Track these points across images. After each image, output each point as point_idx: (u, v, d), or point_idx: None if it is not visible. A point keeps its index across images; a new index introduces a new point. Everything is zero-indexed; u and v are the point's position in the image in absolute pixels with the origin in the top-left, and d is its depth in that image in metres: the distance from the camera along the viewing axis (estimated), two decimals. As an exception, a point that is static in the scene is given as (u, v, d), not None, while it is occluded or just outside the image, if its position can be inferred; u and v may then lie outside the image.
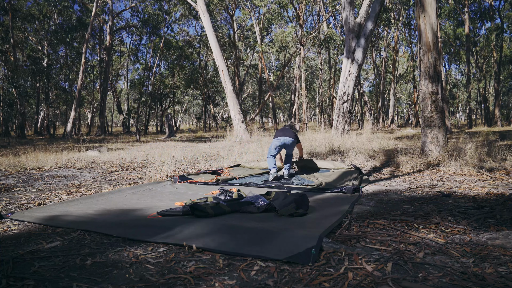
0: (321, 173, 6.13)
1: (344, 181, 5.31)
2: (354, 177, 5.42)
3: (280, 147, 5.88)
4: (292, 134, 5.94)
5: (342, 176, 5.62)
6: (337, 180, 5.43)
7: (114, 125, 53.95)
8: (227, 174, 6.09)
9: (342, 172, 6.00)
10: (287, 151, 6.05)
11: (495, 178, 5.19)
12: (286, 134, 5.89)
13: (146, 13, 29.68)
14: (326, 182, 5.24)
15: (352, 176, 5.49)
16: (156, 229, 2.83)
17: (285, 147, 5.92)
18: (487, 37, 31.06)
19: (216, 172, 6.22)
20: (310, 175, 5.98)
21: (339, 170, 6.23)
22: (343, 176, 5.66)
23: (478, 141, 8.61)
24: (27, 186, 5.20)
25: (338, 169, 6.28)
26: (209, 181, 5.51)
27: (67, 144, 14.95)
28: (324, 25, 28.14)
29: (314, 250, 2.25)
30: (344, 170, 6.15)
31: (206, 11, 11.01)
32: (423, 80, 7.15)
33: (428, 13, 7.07)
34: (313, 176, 5.85)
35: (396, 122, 39.54)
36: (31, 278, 1.97)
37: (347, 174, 5.78)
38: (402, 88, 43.04)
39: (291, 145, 5.90)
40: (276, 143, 5.85)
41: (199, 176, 5.85)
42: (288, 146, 5.89)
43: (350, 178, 5.39)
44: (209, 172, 6.19)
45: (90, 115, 36.76)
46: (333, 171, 6.23)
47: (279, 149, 5.89)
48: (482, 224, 2.91)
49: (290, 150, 6.00)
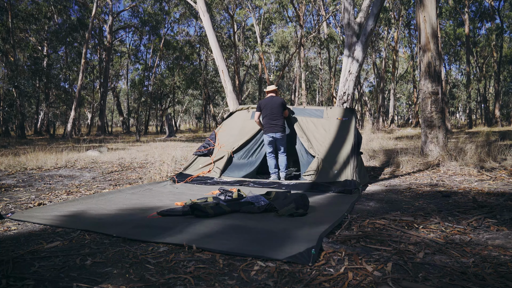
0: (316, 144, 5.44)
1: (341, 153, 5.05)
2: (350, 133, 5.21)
3: (271, 142, 5.55)
4: (280, 123, 5.48)
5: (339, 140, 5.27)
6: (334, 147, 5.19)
7: (114, 125, 53.94)
8: (218, 147, 5.77)
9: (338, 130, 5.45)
10: (279, 148, 5.62)
11: (495, 178, 5.19)
12: (274, 128, 5.47)
13: (146, 14, 29.68)
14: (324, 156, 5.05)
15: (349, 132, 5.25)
16: (156, 229, 2.83)
17: (276, 142, 5.57)
18: (487, 37, 31.07)
19: (210, 151, 5.81)
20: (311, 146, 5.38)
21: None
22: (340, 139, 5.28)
23: (478, 141, 8.61)
24: (27, 186, 5.20)
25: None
26: (208, 171, 5.40)
27: (67, 144, 14.95)
28: (324, 25, 28.15)
29: (314, 250, 2.25)
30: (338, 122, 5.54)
31: (206, 11, 11.00)
32: (423, 80, 7.15)
33: (428, 13, 7.07)
34: (311, 145, 5.30)
35: (396, 122, 39.55)
36: (31, 278, 1.97)
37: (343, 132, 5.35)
38: (402, 88, 43.03)
39: (282, 139, 5.53)
40: (267, 139, 5.54)
41: (195, 165, 5.64)
42: (279, 141, 5.54)
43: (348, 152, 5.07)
44: (201, 154, 5.80)
45: (90, 115, 36.76)
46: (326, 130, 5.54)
47: (273, 145, 5.58)
48: (482, 224, 2.91)
49: (282, 144, 5.58)
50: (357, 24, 8.28)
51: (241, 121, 6.15)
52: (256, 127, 5.86)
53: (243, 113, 6.28)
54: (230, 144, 5.82)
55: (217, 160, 5.68)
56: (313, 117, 5.72)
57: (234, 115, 6.35)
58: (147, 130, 34.47)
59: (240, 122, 6.16)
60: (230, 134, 6.00)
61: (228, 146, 5.80)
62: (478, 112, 42.03)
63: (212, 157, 5.73)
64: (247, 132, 5.88)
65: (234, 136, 5.92)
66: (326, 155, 5.15)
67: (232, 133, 6.00)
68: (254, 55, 34.23)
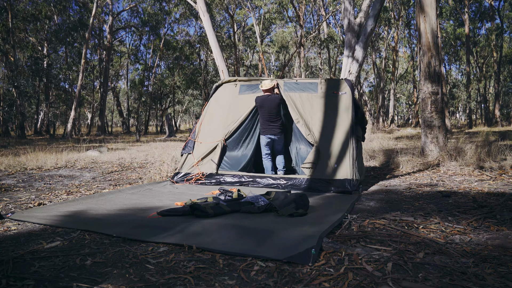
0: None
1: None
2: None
3: (269, 144, 5.38)
4: (278, 125, 5.28)
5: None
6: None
7: (114, 125, 53.94)
8: (199, 142, 5.42)
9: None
10: (277, 149, 5.45)
11: (495, 178, 5.19)
12: (272, 129, 5.28)
13: (146, 14, 29.69)
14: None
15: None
16: (156, 229, 2.83)
17: (274, 143, 5.38)
18: (487, 37, 31.08)
19: (191, 147, 5.50)
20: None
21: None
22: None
23: (478, 141, 8.61)
24: (27, 186, 5.20)
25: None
26: (200, 160, 5.18)
27: (67, 144, 14.95)
28: (324, 25, 28.15)
29: (314, 250, 2.25)
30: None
31: (206, 11, 11.01)
32: (423, 80, 7.15)
33: (428, 13, 7.07)
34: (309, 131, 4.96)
35: (396, 122, 39.56)
36: (31, 278, 1.97)
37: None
38: (402, 88, 43.04)
39: (279, 140, 5.35)
40: (264, 141, 5.35)
41: (188, 164, 5.39)
42: (277, 142, 5.36)
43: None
44: (187, 152, 5.45)
45: (90, 115, 36.77)
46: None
47: (270, 146, 5.41)
48: (482, 224, 2.91)
49: (279, 145, 5.40)
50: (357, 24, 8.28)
51: (229, 98, 5.57)
52: (246, 105, 5.37)
53: (230, 88, 5.63)
54: (220, 131, 5.35)
55: (210, 152, 5.28)
56: (307, 92, 5.17)
57: (220, 91, 5.70)
58: (147, 130, 34.47)
59: (228, 99, 5.57)
60: (219, 116, 5.48)
61: (219, 133, 5.36)
62: (478, 112, 42.05)
63: (193, 154, 5.32)
64: (237, 113, 5.41)
65: (224, 119, 5.42)
66: (325, 142, 4.82)
67: (222, 115, 5.47)
68: (254, 55, 34.25)
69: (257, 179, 5.02)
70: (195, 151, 5.45)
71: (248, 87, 5.61)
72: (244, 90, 5.59)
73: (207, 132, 5.52)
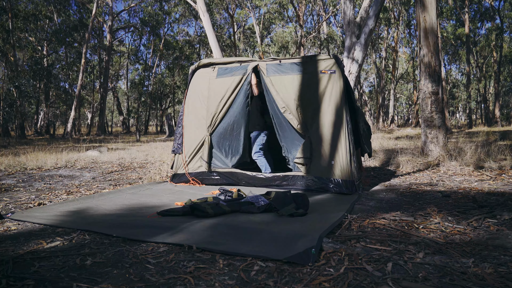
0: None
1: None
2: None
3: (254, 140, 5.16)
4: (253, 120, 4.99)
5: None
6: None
7: (114, 125, 53.93)
8: (182, 123, 5.15)
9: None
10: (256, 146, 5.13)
11: (495, 178, 5.19)
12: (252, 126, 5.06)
13: (146, 14, 29.70)
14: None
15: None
16: (156, 229, 2.83)
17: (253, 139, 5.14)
18: (487, 37, 31.08)
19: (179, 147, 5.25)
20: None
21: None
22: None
23: (478, 141, 8.61)
24: (27, 186, 5.20)
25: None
26: (190, 160, 5.03)
27: (67, 144, 14.95)
28: (324, 25, 28.15)
29: (314, 250, 2.25)
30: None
31: (206, 11, 11.02)
32: (423, 80, 7.15)
33: (428, 13, 7.07)
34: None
35: (396, 122, 39.57)
36: (31, 278, 1.97)
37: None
38: (402, 88, 43.05)
39: (257, 137, 5.07)
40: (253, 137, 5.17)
41: (180, 163, 5.25)
42: (253, 138, 5.10)
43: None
44: (177, 152, 5.24)
45: (90, 115, 36.76)
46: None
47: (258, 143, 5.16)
48: (482, 224, 2.91)
49: (260, 141, 5.09)
50: (357, 24, 8.29)
51: (206, 85, 5.08)
52: (226, 89, 4.85)
53: (206, 73, 5.11)
54: (204, 123, 5.04)
55: (198, 149, 5.06)
56: (292, 73, 4.63)
57: (197, 77, 5.19)
58: (147, 130, 34.48)
59: (205, 86, 5.08)
60: (199, 107, 5.10)
61: (204, 126, 5.06)
62: (478, 112, 42.06)
63: (183, 153, 5.10)
64: (218, 101, 4.94)
65: (206, 110, 5.03)
66: (317, 134, 4.46)
67: (202, 105, 5.07)
68: (254, 55, 34.23)
69: (250, 176, 4.83)
70: (185, 147, 5.17)
71: (225, 70, 5.04)
72: (222, 73, 5.03)
73: (192, 125, 5.16)
